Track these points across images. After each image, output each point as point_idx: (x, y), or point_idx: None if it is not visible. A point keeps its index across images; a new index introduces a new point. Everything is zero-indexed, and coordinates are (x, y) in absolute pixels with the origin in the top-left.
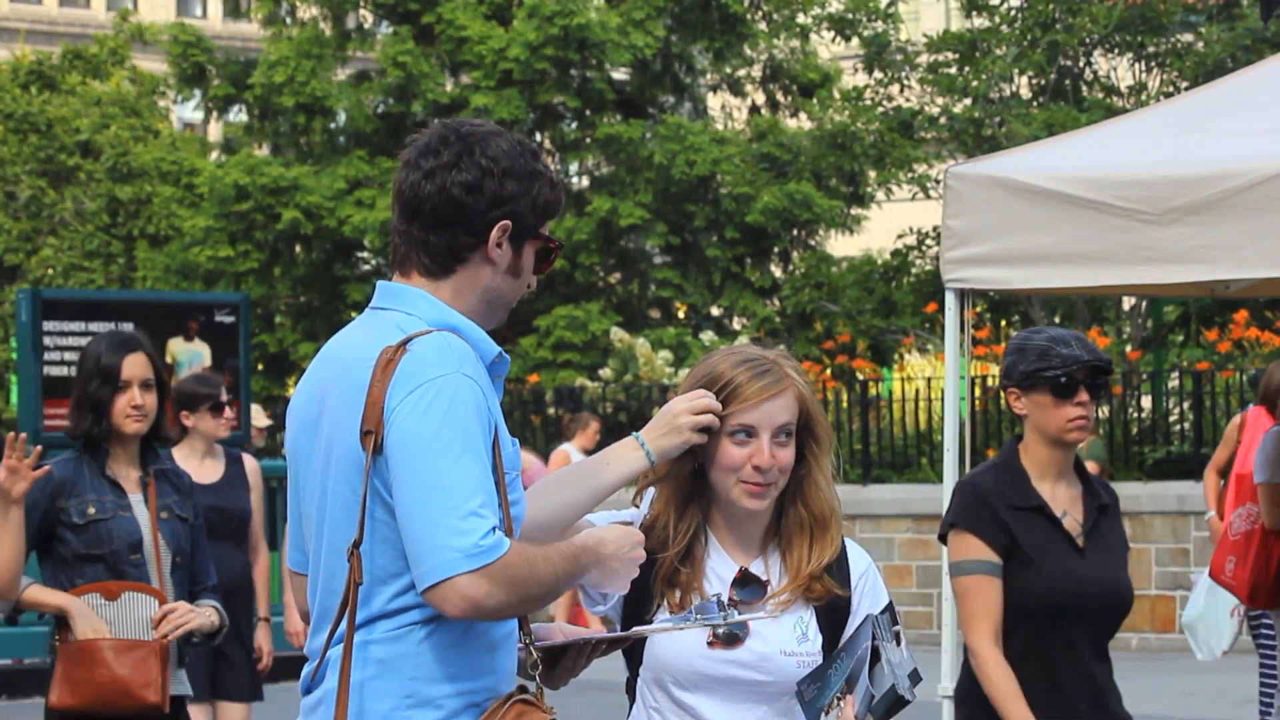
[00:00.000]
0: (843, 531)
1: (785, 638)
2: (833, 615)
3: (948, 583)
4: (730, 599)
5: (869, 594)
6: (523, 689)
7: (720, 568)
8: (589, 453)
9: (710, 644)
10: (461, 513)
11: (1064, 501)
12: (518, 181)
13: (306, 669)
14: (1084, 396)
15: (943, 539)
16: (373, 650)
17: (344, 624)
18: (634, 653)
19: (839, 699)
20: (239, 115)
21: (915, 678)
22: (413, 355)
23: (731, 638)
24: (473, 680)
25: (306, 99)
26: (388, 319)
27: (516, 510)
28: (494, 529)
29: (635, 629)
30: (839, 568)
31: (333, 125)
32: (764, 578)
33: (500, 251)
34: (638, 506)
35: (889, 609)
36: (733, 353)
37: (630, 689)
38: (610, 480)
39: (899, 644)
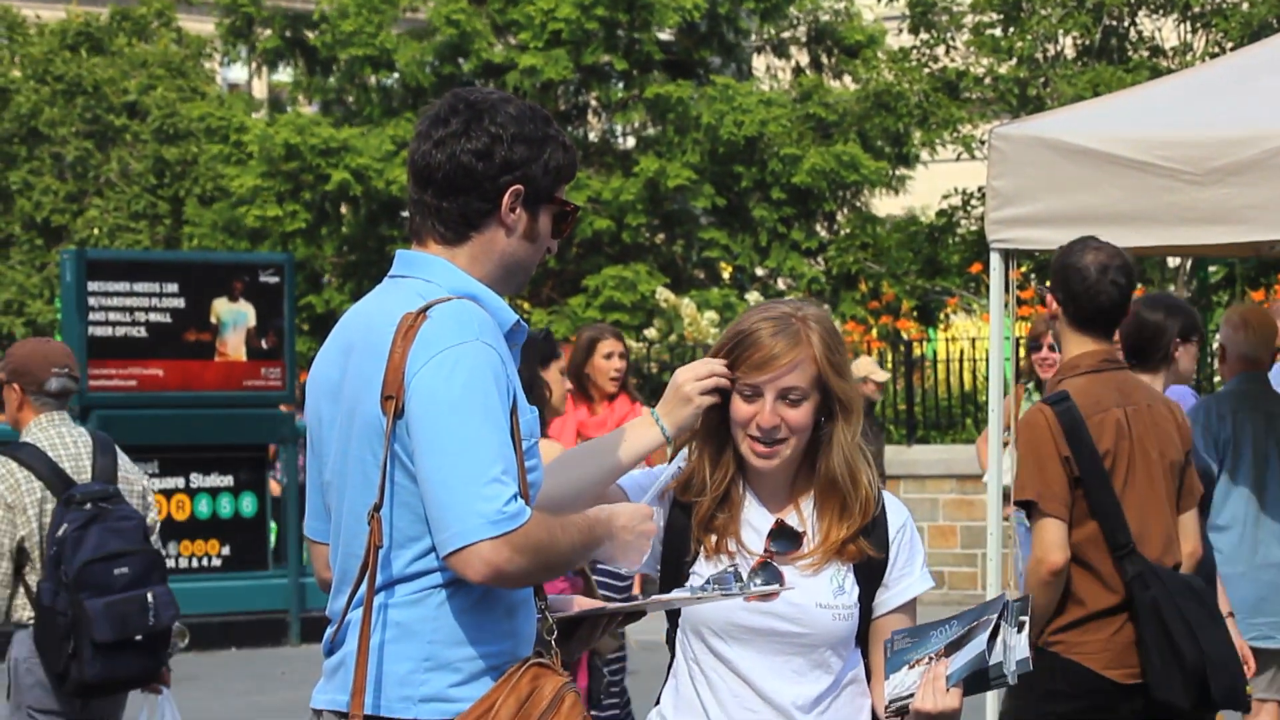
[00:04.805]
0: (880, 491)
1: (822, 590)
2: (870, 569)
3: (991, 543)
4: (766, 550)
5: (905, 547)
6: (539, 654)
7: (755, 519)
8: None
9: (746, 596)
10: (484, 479)
11: None
12: (528, 146)
13: (328, 631)
14: None
15: None
16: (391, 613)
17: (364, 587)
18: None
19: (932, 658)
20: (287, 71)
21: (1023, 666)
22: (433, 322)
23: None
24: (491, 644)
25: (375, 51)
26: (408, 286)
27: (534, 477)
28: (515, 496)
29: (651, 598)
30: (875, 528)
31: (388, 81)
32: (800, 529)
33: (514, 216)
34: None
35: (1025, 600)
36: (761, 309)
37: (670, 641)
38: (627, 457)
39: (1020, 632)
